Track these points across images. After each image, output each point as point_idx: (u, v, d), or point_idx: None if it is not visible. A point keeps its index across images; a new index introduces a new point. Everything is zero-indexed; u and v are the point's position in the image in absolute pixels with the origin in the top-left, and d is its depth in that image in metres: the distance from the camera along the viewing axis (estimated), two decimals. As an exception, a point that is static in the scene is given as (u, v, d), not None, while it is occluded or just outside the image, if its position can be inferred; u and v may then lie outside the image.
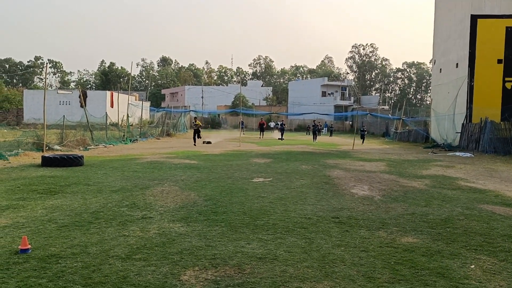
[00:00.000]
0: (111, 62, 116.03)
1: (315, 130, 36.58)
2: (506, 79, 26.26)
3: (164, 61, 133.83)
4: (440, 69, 32.92)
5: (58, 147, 20.87)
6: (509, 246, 6.27)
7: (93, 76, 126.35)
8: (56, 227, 6.78)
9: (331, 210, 8.59)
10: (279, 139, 35.70)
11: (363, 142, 34.14)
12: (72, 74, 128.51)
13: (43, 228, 6.70)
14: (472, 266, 5.36)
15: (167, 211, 8.07)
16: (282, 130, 37.26)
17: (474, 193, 11.14)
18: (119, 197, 9.33)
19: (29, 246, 5.52)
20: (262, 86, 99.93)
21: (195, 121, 29.00)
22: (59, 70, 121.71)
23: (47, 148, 19.87)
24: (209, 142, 29.17)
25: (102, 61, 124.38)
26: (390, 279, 4.86)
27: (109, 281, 4.58)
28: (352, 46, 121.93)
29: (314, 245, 6.11)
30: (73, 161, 14.83)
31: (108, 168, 14.24)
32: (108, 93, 52.84)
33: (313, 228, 7.08)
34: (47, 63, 24.50)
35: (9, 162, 15.47)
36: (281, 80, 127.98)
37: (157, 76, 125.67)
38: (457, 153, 23.87)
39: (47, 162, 14.64)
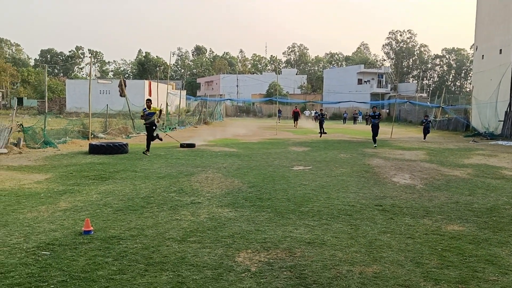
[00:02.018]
0: (146, 52, 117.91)
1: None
2: (552, 65, 25.24)
3: (199, 50, 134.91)
4: (483, 55, 31.92)
5: (102, 135, 21.66)
6: (559, 236, 6.23)
7: (130, 66, 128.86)
8: (112, 211, 7.18)
9: (374, 198, 8.68)
10: (319, 133, 26.54)
11: (425, 138, 25.50)
12: (110, 64, 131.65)
13: (100, 211, 7.11)
14: (521, 254, 5.39)
15: (214, 197, 8.37)
16: (321, 122, 27.76)
17: (519, 182, 10.94)
18: (167, 183, 9.71)
19: (92, 228, 5.91)
20: (296, 74, 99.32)
21: (147, 108, 15.42)
22: (99, 59, 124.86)
23: (92, 136, 20.65)
24: (190, 146, 17.98)
25: (139, 51, 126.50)
26: (439, 264, 4.96)
27: (168, 261, 4.89)
28: (389, 32, 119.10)
29: (360, 232, 6.26)
30: (119, 149, 15.40)
31: (152, 156, 14.72)
32: (146, 82, 53.96)
33: (357, 215, 7.21)
34: (92, 53, 25.33)
35: (59, 150, 16.21)
36: (316, 68, 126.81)
37: (192, 65, 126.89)
38: (500, 142, 23.25)
39: (94, 149, 15.26)
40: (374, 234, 6.14)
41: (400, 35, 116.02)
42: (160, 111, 16.32)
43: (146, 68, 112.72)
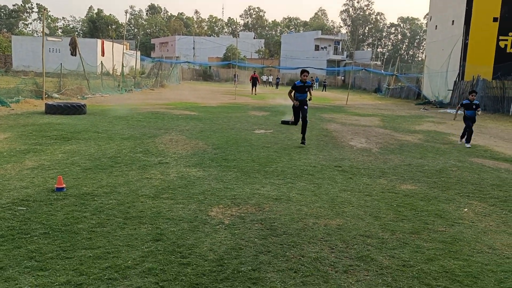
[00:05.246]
0: (98, 9, 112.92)
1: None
2: (501, 37, 26.58)
3: (153, 9, 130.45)
4: (436, 25, 33.02)
5: (56, 95, 21.02)
6: (498, 194, 6.92)
7: (80, 23, 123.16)
8: (81, 169, 7.25)
9: (333, 160, 9.16)
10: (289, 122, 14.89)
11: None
12: (59, 20, 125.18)
13: (68, 170, 7.16)
14: (466, 210, 6.00)
15: (181, 158, 8.57)
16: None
17: (464, 147, 11.79)
18: (131, 144, 9.77)
19: (64, 185, 6.00)
20: (254, 39, 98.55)
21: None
22: (46, 16, 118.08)
23: (46, 96, 20.02)
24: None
25: (90, 8, 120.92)
26: (394, 218, 5.47)
27: (145, 215, 5.12)
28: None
29: (322, 189, 6.70)
30: (77, 110, 15.12)
31: (112, 117, 14.57)
32: (99, 41, 51.96)
33: (319, 175, 7.65)
34: (45, 9, 24.06)
35: (12, 109, 15.70)
36: (273, 33, 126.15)
37: (146, 25, 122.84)
38: (448, 110, 24.53)
39: (51, 109, 14.91)
40: (335, 192, 6.59)
41: (357, 2, 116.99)
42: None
43: (97, 26, 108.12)
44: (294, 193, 6.42)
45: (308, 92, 10.75)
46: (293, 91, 10.73)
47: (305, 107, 10.72)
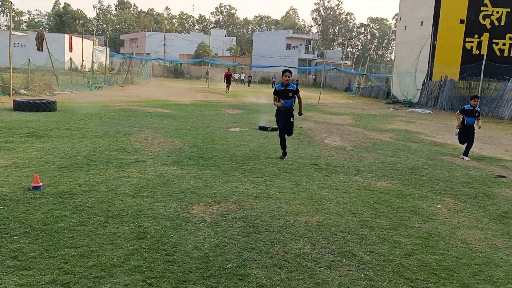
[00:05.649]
0: (65, 3, 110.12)
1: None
2: (467, 39, 27.43)
3: (122, 4, 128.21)
4: (405, 26, 33.77)
5: (24, 92, 20.44)
6: (468, 191, 7.20)
7: (46, 18, 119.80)
8: (56, 168, 7.12)
9: (309, 157, 9.29)
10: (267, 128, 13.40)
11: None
12: (23, 14, 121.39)
13: (43, 168, 7.02)
14: (439, 206, 6.22)
15: (158, 156, 8.52)
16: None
17: (434, 146, 12.16)
18: (106, 142, 9.64)
19: (41, 184, 5.89)
20: (225, 36, 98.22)
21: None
22: (7, 8, 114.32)
23: (14, 92, 19.45)
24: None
25: (56, 1, 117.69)
26: (372, 215, 5.62)
27: (127, 213, 5.09)
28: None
29: (301, 187, 6.80)
30: (47, 106, 14.77)
31: (84, 115, 14.31)
32: (67, 36, 50.74)
33: (296, 173, 7.76)
34: (11, 2, 23.33)
35: (-21, 105, 15.20)
36: (244, 31, 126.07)
37: (115, 21, 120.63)
38: (417, 109, 25.16)
39: (19, 106, 14.52)
40: (314, 189, 6.71)
41: (328, 2, 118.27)
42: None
43: (64, 21, 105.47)
44: (273, 190, 6.50)
45: (295, 98, 8.48)
46: (276, 98, 8.44)
47: (291, 118, 8.56)
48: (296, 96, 8.42)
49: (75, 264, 3.74)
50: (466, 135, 10.39)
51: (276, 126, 9.08)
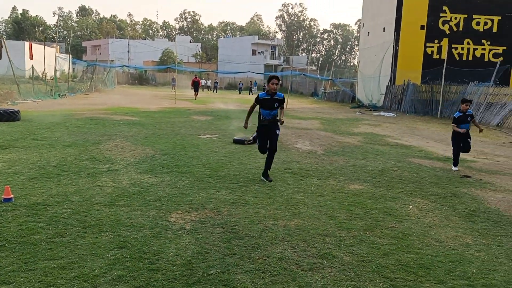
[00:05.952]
0: (24, 9, 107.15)
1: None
2: (428, 44, 28.37)
3: (84, 11, 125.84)
4: (368, 32, 34.61)
5: (-16, 101, 19.76)
6: (437, 191, 7.46)
7: (4, 24, 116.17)
8: (26, 179, 6.93)
9: (282, 162, 9.39)
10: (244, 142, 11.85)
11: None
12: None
13: (12, 180, 6.82)
14: (411, 206, 6.42)
15: (130, 164, 8.42)
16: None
17: (401, 148, 12.51)
18: (75, 152, 9.45)
19: (12, 196, 5.72)
20: (190, 42, 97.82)
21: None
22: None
23: (-27, 101, 18.77)
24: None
25: (14, 8, 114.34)
26: (348, 217, 5.75)
27: (104, 223, 5.02)
28: (282, 5, 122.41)
29: (276, 192, 6.88)
30: (10, 116, 14.33)
31: (49, 124, 13.96)
32: (27, 44, 49.36)
33: (271, 178, 7.82)
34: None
35: None
36: (209, 37, 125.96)
37: (77, 27, 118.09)
38: (382, 113, 25.79)
39: (-20, 116, 14.02)
40: (289, 193, 6.80)
41: (292, 8, 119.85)
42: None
43: (23, 28, 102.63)
44: (250, 196, 6.54)
45: (279, 109, 7.64)
46: (256, 106, 7.85)
47: (277, 131, 7.70)
48: (280, 107, 7.60)
49: (56, 276, 3.67)
50: (463, 141, 9.67)
51: (251, 139, 8.78)
